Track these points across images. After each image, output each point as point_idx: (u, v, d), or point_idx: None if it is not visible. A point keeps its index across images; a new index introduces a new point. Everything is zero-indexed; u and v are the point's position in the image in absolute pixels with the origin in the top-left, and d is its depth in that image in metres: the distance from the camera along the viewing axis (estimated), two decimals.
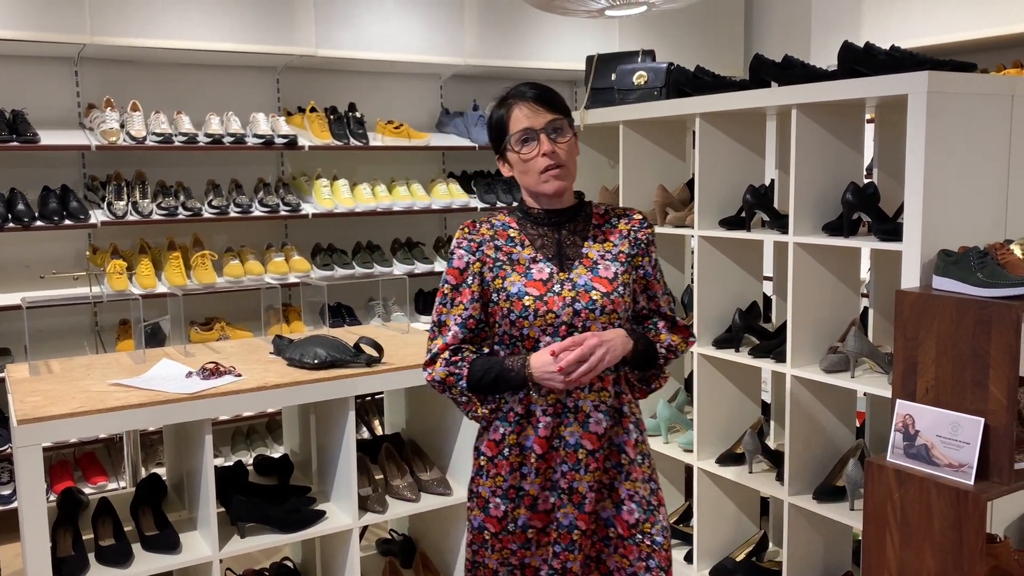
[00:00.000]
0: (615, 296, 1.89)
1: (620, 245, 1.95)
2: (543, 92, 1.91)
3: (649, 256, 1.98)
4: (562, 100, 1.93)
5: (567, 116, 1.91)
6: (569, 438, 1.89)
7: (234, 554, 2.47)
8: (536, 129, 1.86)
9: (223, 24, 4.16)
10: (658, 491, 1.99)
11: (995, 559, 2.39)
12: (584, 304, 1.87)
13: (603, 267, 1.91)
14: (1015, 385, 2.02)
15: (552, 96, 1.91)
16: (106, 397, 2.30)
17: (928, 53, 3.44)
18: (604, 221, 1.98)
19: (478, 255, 1.93)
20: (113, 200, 4.01)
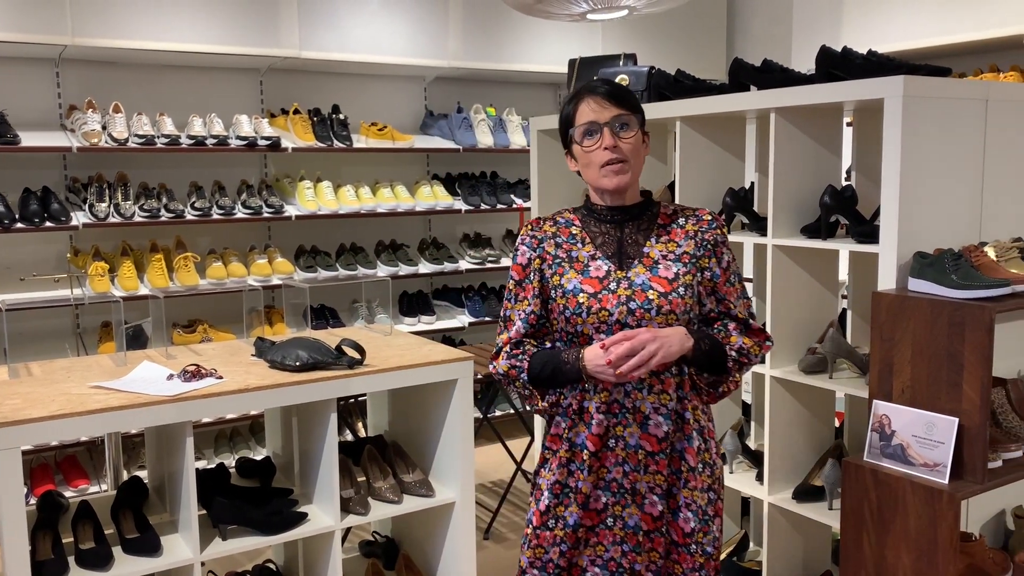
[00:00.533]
0: (673, 297, 1.85)
1: (685, 245, 1.91)
2: (614, 88, 1.89)
3: (718, 258, 1.91)
4: (634, 99, 1.91)
5: (636, 113, 1.89)
6: (629, 439, 1.87)
7: (216, 556, 2.46)
8: (600, 123, 1.86)
9: (206, 26, 4.16)
10: (717, 502, 1.95)
11: (970, 557, 2.43)
12: (640, 303, 1.85)
13: (664, 267, 1.88)
14: (988, 385, 2.05)
15: (623, 93, 1.89)
16: (87, 400, 2.30)
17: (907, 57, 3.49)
18: (670, 221, 1.94)
19: (539, 252, 1.95)
20: (95, 202, 3.99)
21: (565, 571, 1.94)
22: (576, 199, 3.73)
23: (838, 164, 2.84)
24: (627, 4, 3.22)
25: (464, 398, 2.73)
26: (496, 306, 5.05)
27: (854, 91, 2.41)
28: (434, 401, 2.82)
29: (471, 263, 5.00)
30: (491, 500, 4.19)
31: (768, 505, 2.80)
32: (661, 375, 1.86)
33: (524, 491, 4.31)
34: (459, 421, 2.74)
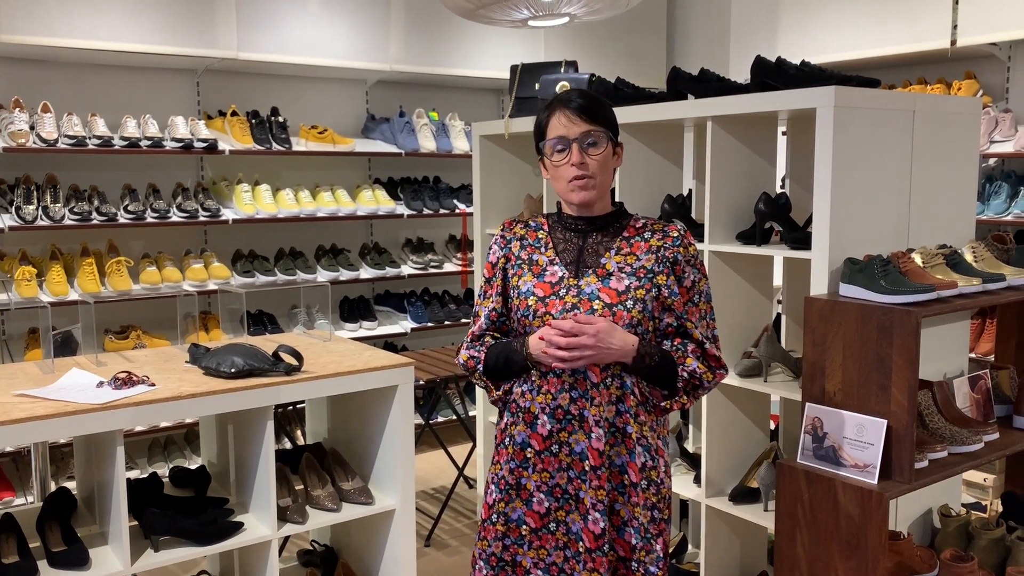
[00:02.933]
0: (619, 309, 1.85)
1: (644, 260, 1.90)
2: (586, 103, 1.88)
3: (677, 276, 1.89)
4: (607, 113, 1.90)
5: (608, 128, 1.89)
6: (575, 445, 1.88)
7: (147, 568, 2.40)
8: (570, 139, 1.86)
9: (140, 24, 4.06)
10: (660, 522, 1.92)
11: (899, 555, 2.49)
12: (583, 312, 1.86)
13: (616, 279, 1.88)
14: (915, 388, 2.11)
15: (595, 107, 1.88)
16: (11, 408, 2.22)
17: (839, 68, 3.57)
18: (636, 234, 1.93)
19: (505, 251, 2.01)
20: (22, 204, 3.87)
21: (509, 566, 1.95)
22: (517, 205, 3.74)
23: (773, 172, 2.90)
24: (568, 12, 3.25)
25: (404, 404, 2.71)
26: (439, 312, 5.03)
27: (787, 101, 2.47)
28: (374, 408, 2.80)
29: (413, 268, 4.97)
30: (433, 507, 4.17)
31: (705, 507, 2.83)
32: (599, 386, 1.87)
33: (467, 497, 4.29)
34: (399, 428, 2.72)
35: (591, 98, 1.90)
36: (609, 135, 1.89)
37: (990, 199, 3.90)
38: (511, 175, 3.74)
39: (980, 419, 2.55)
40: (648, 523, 1.90)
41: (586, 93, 1.92)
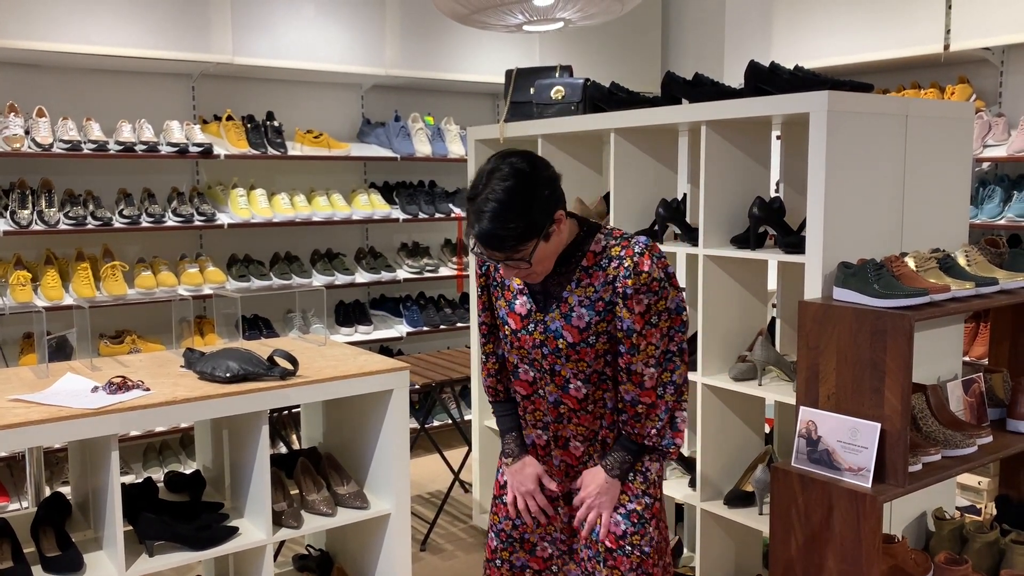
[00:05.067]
0: (582, 347, 1.92)
1: (602, 291, 1.90)
2: (488, 240, 1.81)
3: (629, 309, 1.88)
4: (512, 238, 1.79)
5: (521, 243, 1.81)
6: (554, 459, 2.10)
7: (142, 574, 2.39)
8: (497, 262, 1.89)
9: (136, 29, 4.06)
10: (654, 505, 2.02)
11: (893, 558, 2.50)
12: (551, 350, 1.95)
13: (577, 315, 1.91)
14: (908, 391, 2.12)
15: (497, 242, 1.80)
16: (5, 413, 2.21)
17: (833, 73, 3.59)
18: (594, 262, 1.92)
19: (484, 270, 2.10)
20: (17, 209, 3.86)
21: (517, 542, 2.15)
22: None
23: (767, 176, 2.91)
24: (562, 17, 3.26)
25: (400, 409, 2.71)
26: (434, 316, 5.04)
27: (781, 105, 2.48)
28: (369, 412, 2.80)
29: (409, 272, 4.97)
30: (428, 511, 4.16)
31: (700, 511, 2.84)
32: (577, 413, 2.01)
33: (462, 501, 4.29)
34: (395, 432, 2.72)
35: (490, 239, 1.80)
36: (526, 243, 1.81)
37: (984, 203, 3.91)
38: None
39: (974, 422, 2.56)
40: (642, 510, 2.01)
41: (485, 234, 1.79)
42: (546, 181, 1.84)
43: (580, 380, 1.96)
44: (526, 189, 1.80)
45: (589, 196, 3.43)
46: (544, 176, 1.85)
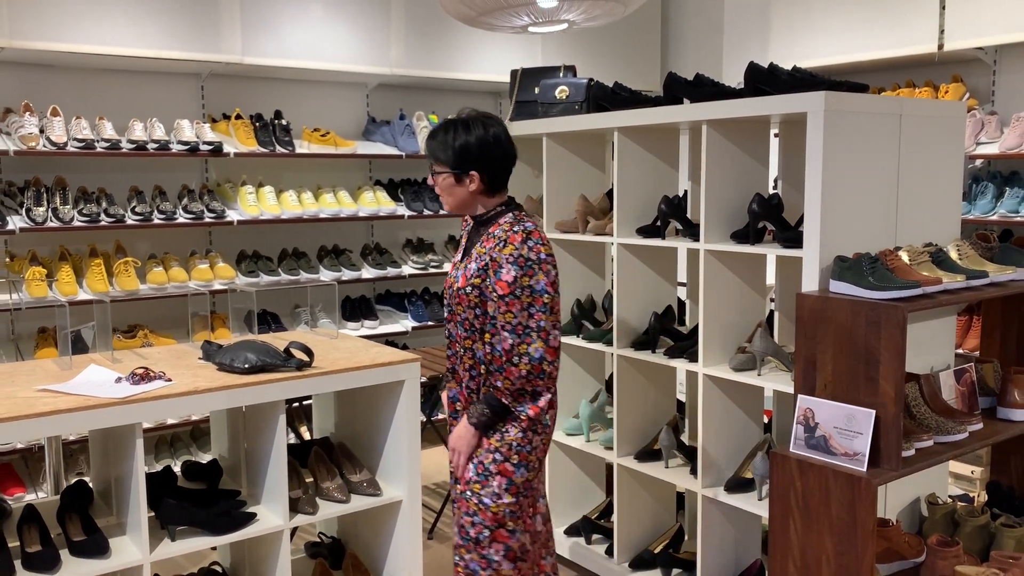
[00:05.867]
0: (461, 293, 2.36)
1: (488, 253, 2.32)
2: (429, 145, 2.37)
3: (493, 271, 2.28)
4: (442, 152, 2.33)
5: (441, 163, 2.34)
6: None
7: (165, 557, 2.48)
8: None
9: (147, 30, 4.15)
10: (503, 463, 2.30)
11: (887, 541, 2.60)
12: (452, 290, 2.41)
13: (469, 267, 2.36)
14: (902, 380, 2.21)
15: (432, 149, 2.35)
16: (35, 403, 2.30)
17: (830, 72, 3.67)
18: (497, 228, 2.35)
19: None
20: (32, 206, 3.95)
21: None
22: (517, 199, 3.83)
23: (766, 173, 3.00)
24: (567, 18, 3.34)
25: (411, 399, 2.80)
26: (439, 310, 5.13)
27: (779, 105, 2.57)
28: (381, 402, 2.89)
29: (414, 268, 5.06)
30: (435, 501, 4.25)
31: (701, 497, 2.93)
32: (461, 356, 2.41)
33: None
34: (406, 421, 2.81)
35: (434, 143, 2.35)
36: (444, 167, 2.33)
37: (977, 199, 4.01)
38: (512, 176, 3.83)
39: (965, 410, 2.65)
40: (490, 463, 2.31)
41: (433, 137, 2.36)
42: (476, 142, 2.31)
43: (461, 326, 2.38)
44: (461, 131, 2.32)
45: (593, 193, 3.52)
46: (476, 137, 2.31)
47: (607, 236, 3.24)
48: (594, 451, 3.37)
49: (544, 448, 2.37)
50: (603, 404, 3.57)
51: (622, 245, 3.17)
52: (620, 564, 3.26)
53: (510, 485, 2.30)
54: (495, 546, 2.31)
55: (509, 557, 2.32)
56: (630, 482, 3.25)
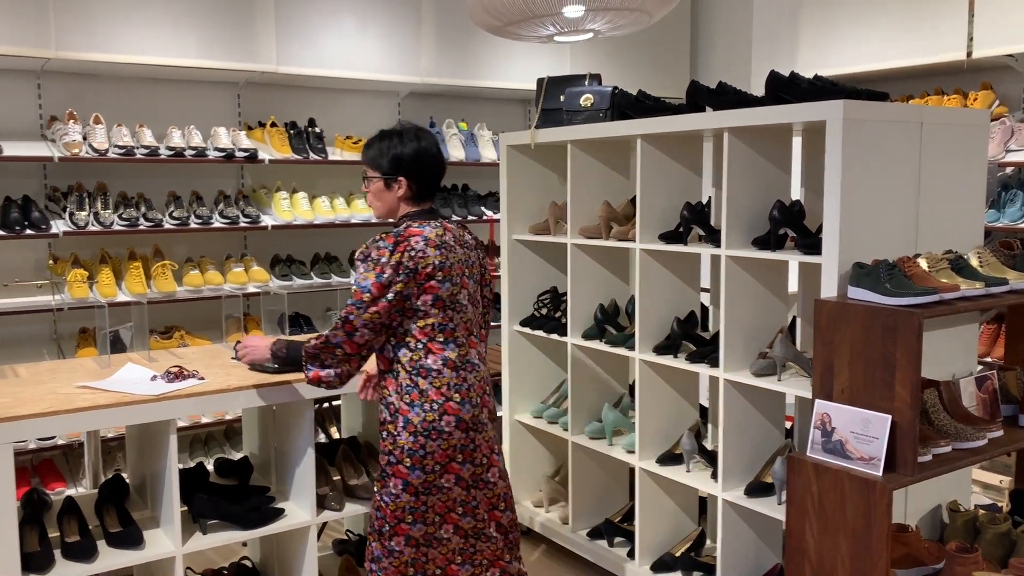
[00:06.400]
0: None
1: None
2: (364, 152, 2.51)
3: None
4: (374, 155, 2.46)
5: (372, 169, 2.48)
6: None
7: (196, 550, 2.58)
8: None
9: (186, 40, 4.28)
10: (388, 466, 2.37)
11: (906, 547, 2.61)
12: None
13: None
14: (918, 385, 2.23)
15: (366, 147, 2.49)
16: (74, 398, 2.41)
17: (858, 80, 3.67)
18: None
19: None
20: (75, 210, 4.09)
21: None
22: (542, 212, 3.90)
23: (788, 181, 3.03)
24: (592, 28, 3.40)
25: None
26: None
27: (799, 113, 2.60)
28: None
29: None
30: None
31: (721, 501, 2.96)
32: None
33: None
34: None
35: (370, 151, 2.48)
36: (378, 175, 2.46)
37: (1006, 207, 3.99)
38: (537, 183, 3.90)
39: (986, 417, 2.66)
40: (385, 465, 2.38)
41: (369, 147, 2.49)
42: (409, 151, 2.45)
43: None
44: (396, 140, 2.46)
45: (617, 199, 3.57)
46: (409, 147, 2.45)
47: (630, 242, 3.28)
48: (616, 455, 3.41)
49: (443, 454, 2.36)
50: (626, 408, 3.60)
51: (645, 251, 3.21)
52: (641, 567, 3.29)
53: (407, 485, 2.35)
54: (395, 539, 2.38)
55: (410, 544, 2.38)
56: (652, 486, 3.29)
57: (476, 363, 2.46)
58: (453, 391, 2.36)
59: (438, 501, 2.38)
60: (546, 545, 3.81)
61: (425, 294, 2.34)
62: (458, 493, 2.40)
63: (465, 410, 2.38)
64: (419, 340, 2.36)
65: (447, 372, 2.36)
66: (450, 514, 2.41)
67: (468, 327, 2.45)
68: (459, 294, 2.42)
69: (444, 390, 2.35)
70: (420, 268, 2.33)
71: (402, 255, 2.31)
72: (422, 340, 2.36)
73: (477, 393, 2.43)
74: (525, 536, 3.91)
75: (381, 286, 2.30)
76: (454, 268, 2.41)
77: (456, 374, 2.38)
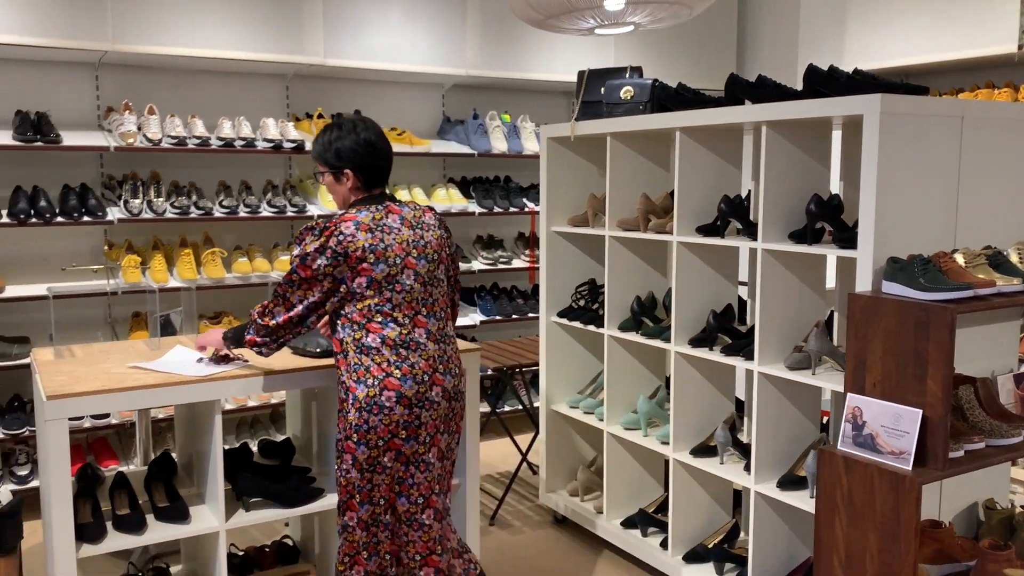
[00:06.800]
0: None
1: None
2: (312, 144, 2.57)
3: None
4: (321, 150, 2.53)
5: (320, 164, 2.55)
6: None
7: (239, 526, 2.68)
8: None
9: (236, 33, 4.39)
10: (346, 441, 2.43)
11: (939, 543, 2.60)
12: None
13: None
14: (950, 380, 2.23)
15: (314, 147, 2.56)
16: (126, 378, 2.52)
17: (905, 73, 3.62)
18: None
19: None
20: (129, 198, 4.23)
21: None
22: (581, 204, 3.93)
23: (827, 175, 3.02)
24: (632, 21, 3.42)
25: (471, 388, 2.93)
26: (507, 306, 5.26)
27: (836, 107, 2.60)
28: None
29: (484, 264, 5.20)
30: (498, 490, 4.39)
31: (754, 493, 2.98)
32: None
33: (529, 482, 4.50)
34: (467, 409, 2.93)
35: (317, 146, 2.54)
36: (327, 169, 2.53)
37: None
38: (576, 175, 3.93)
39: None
40: (338, 443, 2.46)
41: (316, 141, 2.55)
42: (349, 144, 2.49)
43: None
44: (336, 134, 2.51)
45: (656, 192, 3.59)
46: (350, 140, 2.50)
47: (667, 235, 3.30)
48: (651, 446, 3.44)
49: (386, 429, 2.40)
50: (662, 400, 3.63)
51: (681, 243, 3.23)
52: (674, 557, 3.32)
53: (355, 461, 2.42)
54: (348, 514, 2.47)
55: (360, 526, 2.46)
56: (686, 477, 3.31)
57: (422, 342, 2.46)
58: (393, 367, 2.41)
59: (382, 481, 2.44)
60: (580, 534, 3.86)
61: (359, 276, 2.40)
62: (397, 469, 2.46)
63: (407, 387, 2.41)
64: (358, 321, 2.42)
65: (385, 351, 2.41)
66: (392, 495, 2.49)
67: (413, 306, 2.46)
68: (399, 274, 2.43)
69: (384, 366, 2.41)
70: (350, 252, 2.38)
71: (327, 239, 2.38)
72: (360, 321, 2.42)
73: (424, 371, 2.44)
74: (560, 524, 3.96)
75: (301, 258, 2.40)
76: (391, 249, 2.42)
77: (395, 352, 2.42)
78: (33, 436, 4.06)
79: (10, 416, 3.99)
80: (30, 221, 3.98)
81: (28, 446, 4.11)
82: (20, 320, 4.27)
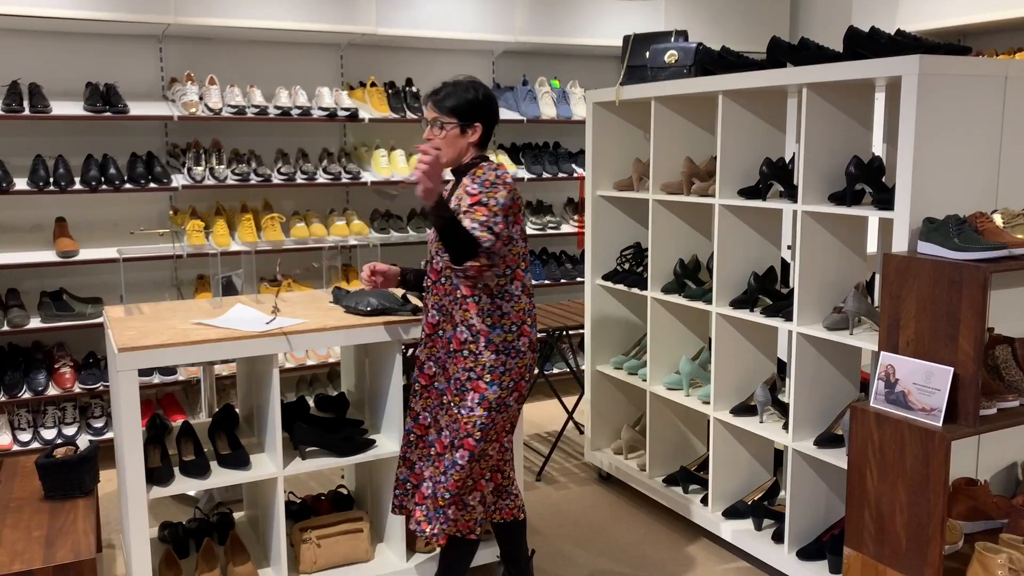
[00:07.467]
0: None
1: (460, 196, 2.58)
2: (436, 94, 2.61)
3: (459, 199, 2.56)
4: (449, 101, 2.57)
5: (447, 115, 2.57)
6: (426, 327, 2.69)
7: (295, 473, 2.85)
8: (427, 120, 2.63)
9: (292, 4, 4.52)
10: (477, 381, 2.53)
11: (973, 500, 2.65)
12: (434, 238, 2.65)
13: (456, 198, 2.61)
14: (981, 339, 2.26)
15: (442, 98, 2.59)
16: (190, 333, 2.69)
17: (963, 34, 3.53)
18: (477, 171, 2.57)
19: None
20: (192, 166, 4.42)
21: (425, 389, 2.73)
22: (627, 168, 3.98)
23: (869, 137, 3.03)
24: None
25: None
26: (555, 270, 5.34)
27: (875, 68, 2.61)
28: None
29: (533, 229, 5.29)
30: (545, 447, 4.52)
31: (791, 451, 3.04)
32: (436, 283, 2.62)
33: (575, 440, 4.62)
34: None
35: (443, 92, 2.59)
36: (454, 121, 2.56)
37: None
38: (622, 140, 3.99)
39: None
40: (465, 380, 2.55)
41: (437, 94, 2.60)
42: (482, 98, 2.61)
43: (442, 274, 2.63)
44: (470, 88, 2.61)
45: (700, 155, 3.63)
46: (482, 94, 2.61)
47: (710, 197, 3.35)
48: (693, 405, 3.51)
49: (519, 371, 2.57)
50: (704, 362, 3.69)
51: (724, 206, 3.27)
52: (714, 513, 3.41)
53: (482, 400, 2.53)
54: (460, 452, 2.55)
55: (472, 460, 2.56)
56: (726, 435, 3.38)
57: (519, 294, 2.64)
58: (526, 315, 2.60)
59: (504, 419, 2.59)
60: (623, 490, 3.96)
61: (516, 224, 2.58)
62: (515, 412, 2.63)
63: (534, 332, 2.63)
64: (508, 266, 2.57)
65: (524, 298, 2.60)
66: (502, 434, 2.64)
67: (524, 260, 2.66)
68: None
69: (521, 314, 2.58)
70: (516, 198, 2.56)
71: (513, 186, 2.55)
72: (511, 266, 2.58)
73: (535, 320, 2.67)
74: (605, 481, 4.08)
75: (505, 207, 2.49)
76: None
77: (529, 300, 2.62)
78: (107, 391, 4.32)
79: (85, 372, 4.25)
80: (101, 188, 4.19)
81: (103, 400, 4.37)
82: (93, 282, 4.51)
